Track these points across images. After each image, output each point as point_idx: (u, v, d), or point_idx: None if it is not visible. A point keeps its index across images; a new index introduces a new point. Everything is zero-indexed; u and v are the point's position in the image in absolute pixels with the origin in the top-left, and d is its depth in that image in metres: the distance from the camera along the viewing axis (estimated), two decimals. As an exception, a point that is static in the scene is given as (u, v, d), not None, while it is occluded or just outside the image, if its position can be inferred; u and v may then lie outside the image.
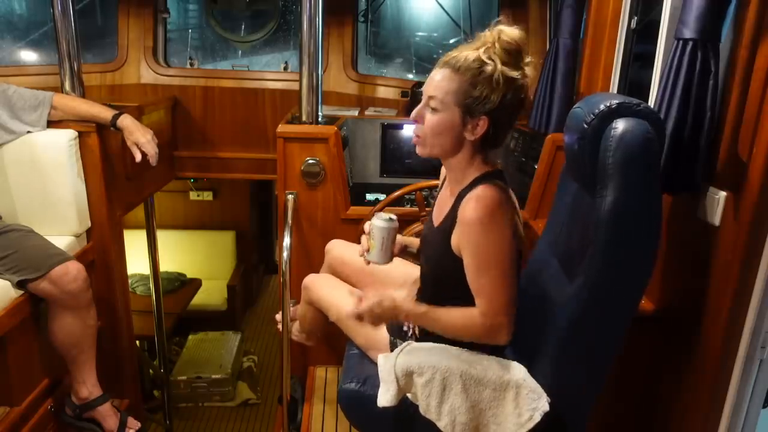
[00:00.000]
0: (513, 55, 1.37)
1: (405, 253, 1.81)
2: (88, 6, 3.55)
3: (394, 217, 1.62)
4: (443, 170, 1.66)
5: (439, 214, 1.56)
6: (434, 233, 1.55)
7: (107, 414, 2.22)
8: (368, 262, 1.65)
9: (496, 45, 1.36)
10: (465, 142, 1.44)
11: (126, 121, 2.33)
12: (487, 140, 1.44)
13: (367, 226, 1.65)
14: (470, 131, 1.41)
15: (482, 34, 1.40)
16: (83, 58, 2.59)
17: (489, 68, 1.36)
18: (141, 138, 2.33)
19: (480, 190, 1.38)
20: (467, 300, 1.43)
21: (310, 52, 2.30)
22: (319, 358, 2.50)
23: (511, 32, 1.37)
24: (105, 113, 2.32)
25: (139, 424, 2.32)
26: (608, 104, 1.36)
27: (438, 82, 1.40)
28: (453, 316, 1.43)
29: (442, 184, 1.66)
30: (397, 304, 1.46)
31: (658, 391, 1.79)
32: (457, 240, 1.44)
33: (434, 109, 1.41)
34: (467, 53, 1.38)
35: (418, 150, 1.49)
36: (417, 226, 2.29)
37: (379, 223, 1.59)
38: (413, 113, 1.46)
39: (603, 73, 2.31)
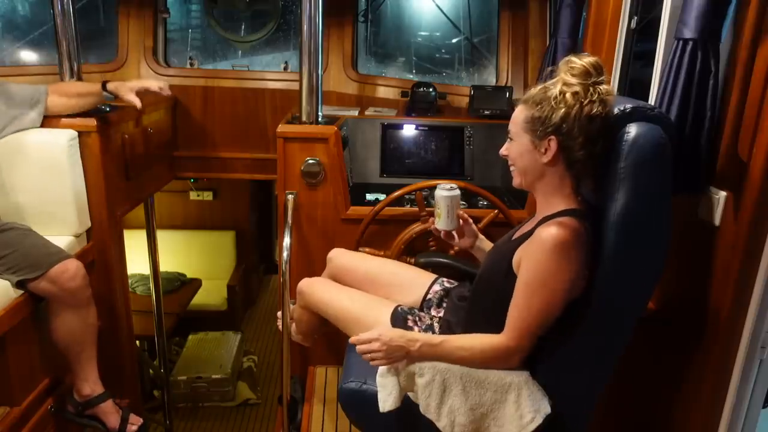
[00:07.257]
0: (578, 75, 1.39)
1: (474, 248, 1.88)
2: (88, 6, 3.54)
3: (455, 185, 1.79)
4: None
5: (519, 231, 1.59)
6: (507, 243, 1.58)
7: (109, 411, 2.23)
8: (438, 232, 1.82)
9: (562, 73, 1.41)
10: (547, 170, 1.45)
11: (114, 83, 2.38)
12: (570, 165, 1.43)
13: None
14: (542, 154, 1.43)
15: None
16: (84, 59, 2.58)
17: (550, 91, 1.41)
18: (136, 85, 2.37)
19: (565, 219, 1.39)
20: (496, 325, 1.45)
21: (310, 52, 2.30)
22: (319, 358, 2.50)
23: (577, 58, 1.41)
24: (95, 85, 2.36)
25: (141, 420, 2.33)
26: (621, 108, 1.36)
27: (514, 117, 1.50)
28: (472, 336, 1.49)
29: None
30: (410, 336, 1.48)
31: (658, 391, 1.79)
32: (519, 255, 1.44)
33: (511, 140, 1.52)
34: (538, 87, 1.46)
35: (513, 181, 1.55)
36: (417, 226, 2.29)
37: (443, 192, 1.75)
38: (502, 150, 1.56)
39: (603, 73, 2.30)
